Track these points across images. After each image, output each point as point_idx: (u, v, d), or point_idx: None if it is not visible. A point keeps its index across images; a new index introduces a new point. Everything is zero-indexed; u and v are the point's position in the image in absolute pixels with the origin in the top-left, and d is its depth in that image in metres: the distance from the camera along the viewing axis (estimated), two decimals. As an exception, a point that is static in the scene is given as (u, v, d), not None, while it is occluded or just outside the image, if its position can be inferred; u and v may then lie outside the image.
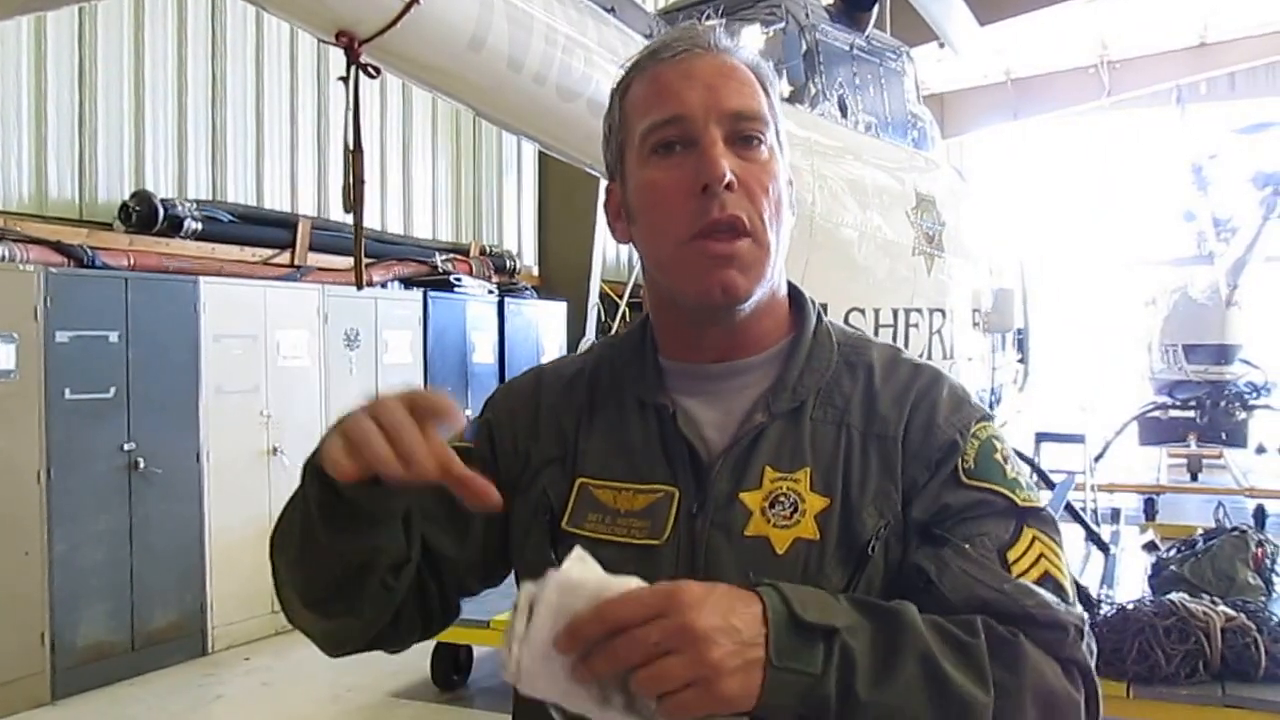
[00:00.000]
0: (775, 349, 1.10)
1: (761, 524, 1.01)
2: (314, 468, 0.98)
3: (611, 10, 3.24)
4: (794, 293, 1.14)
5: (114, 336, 5.32)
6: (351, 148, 2.33)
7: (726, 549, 1.00)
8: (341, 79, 2.37)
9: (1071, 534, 6.33)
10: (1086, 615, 0.97)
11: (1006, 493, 1.01)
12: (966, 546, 0.97)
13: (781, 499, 1.01)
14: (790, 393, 1.06)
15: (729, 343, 1.08)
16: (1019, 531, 0.99)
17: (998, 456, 1.04)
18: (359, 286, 2.97)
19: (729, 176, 0.99)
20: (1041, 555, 0.98)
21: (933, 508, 1.01)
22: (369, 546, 1.01)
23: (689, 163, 1.01)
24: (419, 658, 5.21)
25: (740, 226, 1.00)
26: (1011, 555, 0.97)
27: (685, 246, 1.01)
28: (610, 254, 9.87)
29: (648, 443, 1.07)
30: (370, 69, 2.42)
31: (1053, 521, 1.03)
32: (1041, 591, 0.95)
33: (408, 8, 2.34)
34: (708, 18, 4.37)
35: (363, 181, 2.36)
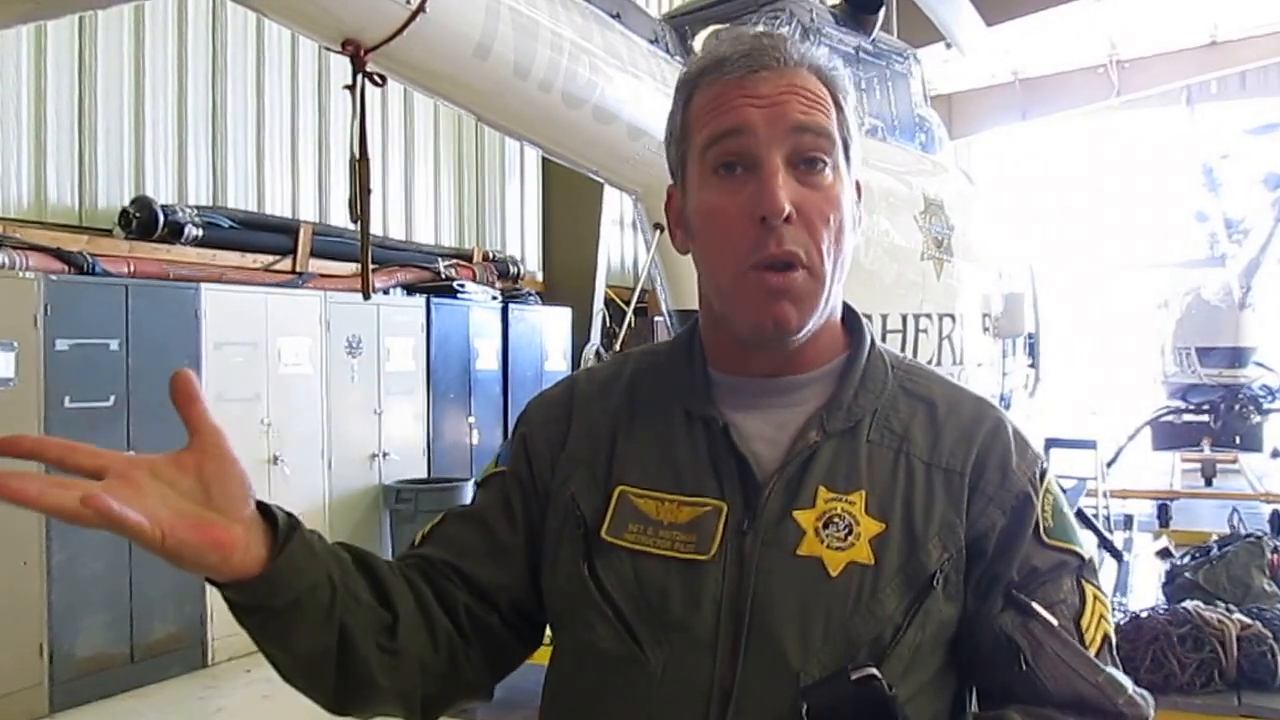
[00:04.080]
0: (829, 367, 1.09)
1: (815, 544, 0.99)
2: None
3: (617, 16, 3.23)
4: (848, 313, 1.13)
5: (114, 344, 5.28)
6: (357, 156, 2.34)
7: (778, 568, 0.99)
8: (347, 87, 2.37)
9: (1085, 541, 6.25)
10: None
11: (1077, 549, 1.06)
12: (1054, 622, 1.01)
13: (836, 520, 1.00)
14: (846, 412, 1.04)
15: (781, 363, 1.07)
16: (1083, 592, 1.04)
17: (1066, 510, 1.07)
18: (366, 295, 2.94)
19: (787, 209, 0.97)
20: (1101, 617, 1.04)
21: (1024, 569, 1.03)
22: (310, 640, 0.96)
23: (749, 189, 0.99)
24: (421, 669, 5.16)
25: (796, 262, 0.99)
26: (1084, 623, 1.02)
27: (741, 277, 1.01)
28: (615, 259, 9.85)
29: (695, 455, 1.05)
30: (376, 77, 2.41)
31: (1095, 567, 1.08)
32: (1124, 680, 1.01)
33: (414, 16, 2.33)
34: (710, 22, 4.33)
35: (369, 190, 2.37)
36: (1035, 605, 1.00)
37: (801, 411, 1.05)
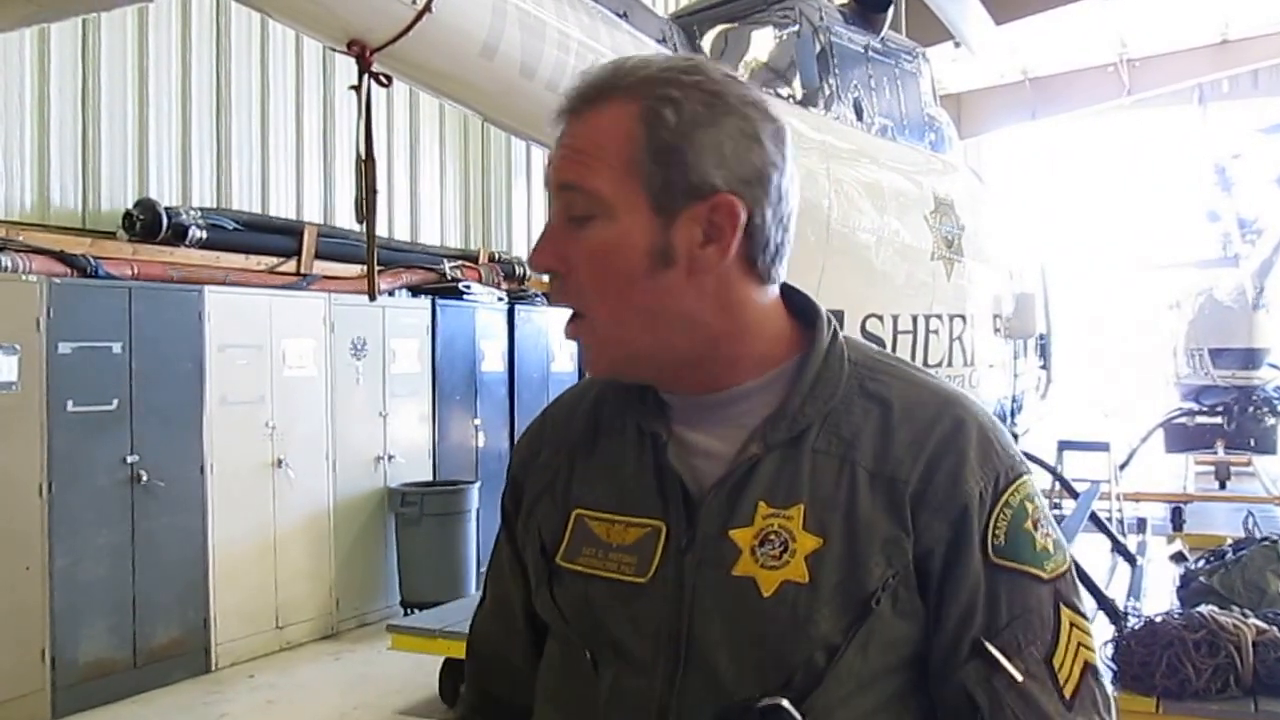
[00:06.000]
0: (777, 371, 1.02)
1: (749, 563, 0.95)
2: None
3: (624, 15, 3.22)
4: (805, 308, 1.06)
5: (117, 347, 5.25)
6: (363, 157, 2.32)
7: (713, 589, 0.96)
8: (353, 88, 2.39)
9: (1097, 545, 6.20)
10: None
11: (1036, 571, 0.98)
12: (1018, 677, 0.94)
13: (772, 537, 0.95)
14: (789, 421, 0.99)
15: (697, 380, 1.02)
16: (1058, 624, 0.97)
17: (1028, 525, 0.98)
18: (371, 297, 2.91)
19: (546, 265, 0.99)
20: (1080, 645, 0.97)
21: (975, 594, 0.96)
22: None
23: None
24: (427, 675, 5.12)
25: (579, 309, 1.00)
26: (1057, 661, 0.96)
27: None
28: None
29: (641, 473, 1.02)
30: (382, 77, 2.40)
31: (1075, 580, 1.01)
32: None
33: (419, 16, 2.35)
34: (718, 22, 4.28)
35: (375, 191, 2.37)
36: (1000, 658, 0.94)
37: (747, 423, 1.00)
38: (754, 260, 0.99)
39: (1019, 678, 0.94)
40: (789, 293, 1.06)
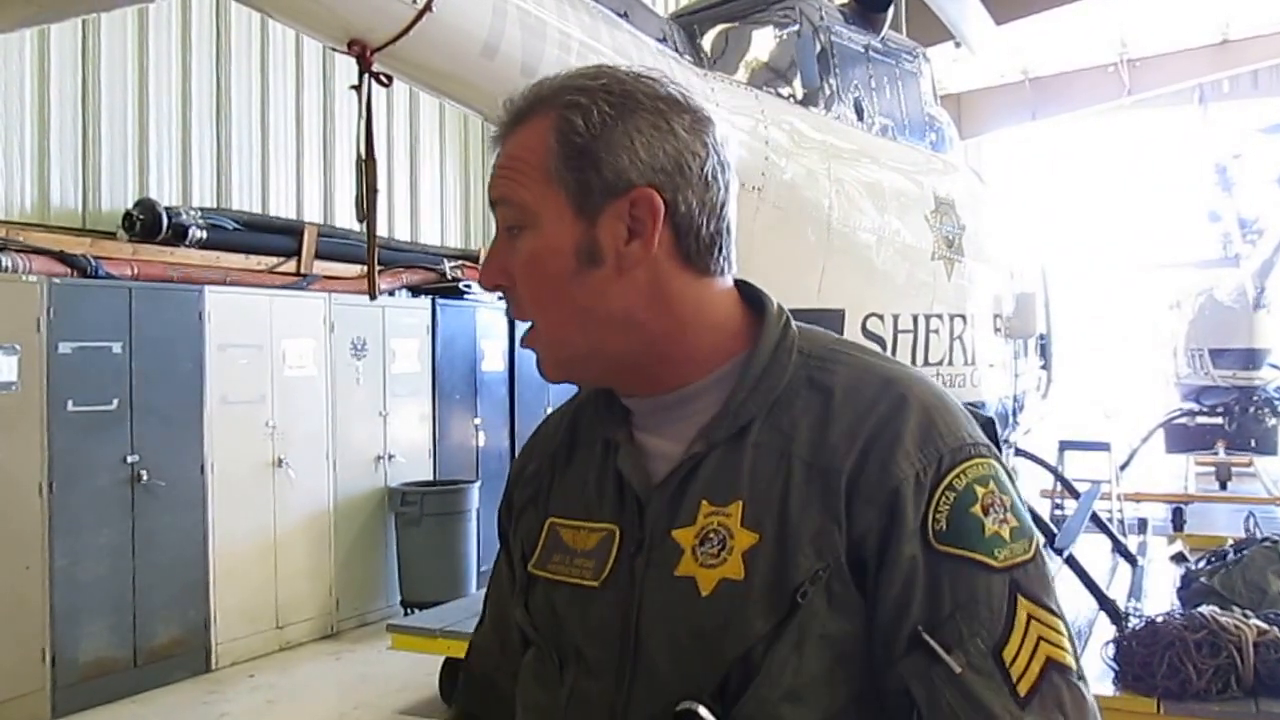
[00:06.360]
0: (728, 366, 1.01)
1: (690, 563, 0.95)
2: None
3: (624, 15, 3.22)
4: (757, 301, 1.05)
5: (117, 347, 5.26)
6: (364, 156, 2.32)
7: (659, 590, 0.97)
8: (353, 88, 2.38)
9: (1098, 545, 6.20)
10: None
11: (983, 558, 0.91)
12: (958, 669, 0.88)
13: (711, 535, 0.95)
14: (732, 418, 0.98)
15: (648, 381, 1.03)
16: (1011, 616, 0.90)
17: (975, 509, 0.92)
18: (372, 296, 2.92)
19: (492, 281, 1.02)
20: (1040, 640, 0.90)
21: (904, 573, 0.91)
22: None
23: None
24: (427, 675, 5.12)
25: (526, 319, 1.02)
26: (1008, 654, 0.89)
27: None
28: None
29: (601, 479, 1.05)
30: (382, 77, 2.41)
31: (1042, 572, 0.93)
32: None
33: (420, 15, 2.35)
34: (718, 22, 4.27)
35: (376, 190, 2.36)
36: (938, 649, 0.88)
37: (699, 422, 1.00)
38: (686, 251, 0.98)
39: (957, 670, 0.88)
40: (744, 288, 1.05)
